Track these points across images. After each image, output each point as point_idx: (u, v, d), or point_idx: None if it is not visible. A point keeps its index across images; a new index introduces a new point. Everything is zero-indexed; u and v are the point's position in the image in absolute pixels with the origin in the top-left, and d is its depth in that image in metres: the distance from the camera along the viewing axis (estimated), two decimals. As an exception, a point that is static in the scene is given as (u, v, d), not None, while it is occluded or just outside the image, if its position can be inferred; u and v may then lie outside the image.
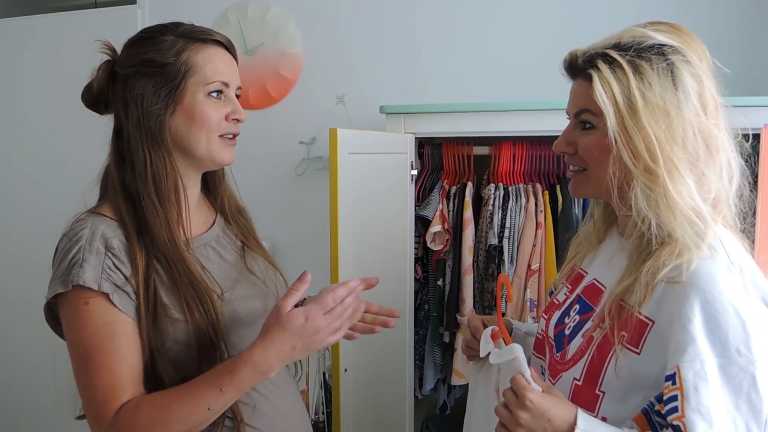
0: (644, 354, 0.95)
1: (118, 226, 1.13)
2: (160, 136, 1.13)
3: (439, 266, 2.11)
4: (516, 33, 2.39)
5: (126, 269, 1.08)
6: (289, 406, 1.23)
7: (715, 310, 0.88)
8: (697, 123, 0.95)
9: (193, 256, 1.17)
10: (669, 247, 0.94)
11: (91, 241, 1.09)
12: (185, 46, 1.14)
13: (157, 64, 1.13)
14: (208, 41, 1.17)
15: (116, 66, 1.17)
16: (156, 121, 1.13)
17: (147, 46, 1.14)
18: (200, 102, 1.14)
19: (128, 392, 1.05)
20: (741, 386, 0.88)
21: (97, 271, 1.06)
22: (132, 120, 1.13)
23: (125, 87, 1.14)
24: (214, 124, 1.15)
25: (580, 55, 1.02)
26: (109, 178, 1.18)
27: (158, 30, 1.17)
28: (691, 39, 0.99)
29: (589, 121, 1.00)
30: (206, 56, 1.15)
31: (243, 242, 1.28)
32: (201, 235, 1.22)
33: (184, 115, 1.14)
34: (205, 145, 1.16)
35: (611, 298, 0.99)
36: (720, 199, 0.98)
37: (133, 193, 1.13)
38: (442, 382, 2.22)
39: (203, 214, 1.26)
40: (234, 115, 1.18)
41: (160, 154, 1.13)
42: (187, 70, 1.13)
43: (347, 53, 2.59)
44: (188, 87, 1.13)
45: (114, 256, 1.08)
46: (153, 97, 1.13)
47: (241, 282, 1.22)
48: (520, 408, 0.94)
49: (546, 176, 2.14)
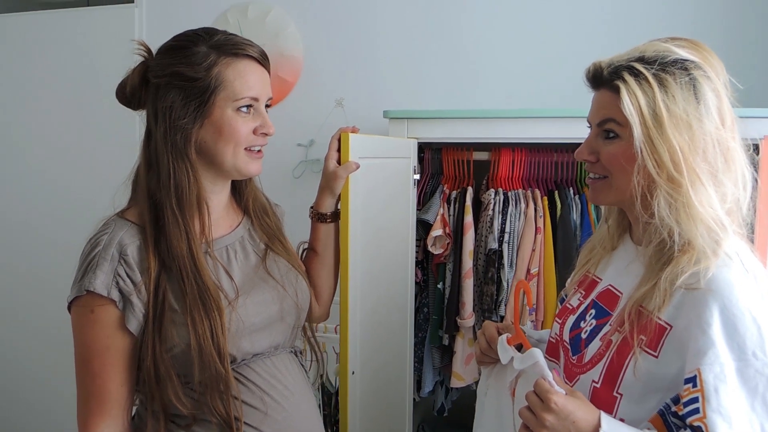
0: (662, 357, 0.98)
1: (139, 231, 1.15)
2: (184, 149, 1.14)
3: (439, 270, 2.13)
4: (517, 41, 2.42)
5: (137, 276, 1.11)
6: (303, 414, 1.24)
7: (733, 315, 0.92)
8: (717, 135, 0.99)
9: (213, 258, 1.19)
10: (687, 255, 0.97)
11: (108, 247, 1.12)
12: (217, 60, 1.14)
13: (188, 78, 1.13)
14: (241, 55, 1.17)
15: (148, 72, 1.17)
16: (182, 135, 1.14)
17: (178, 57, 1.15)
18: (229, 117, 1.15)
19: (113, 412, 1.12)
20: (757, 388, 0.91)
21: (108, 277, 1.10)
22: (160, 130, 1.14)
23: (156, 96, 1.15)
24: (242, 138, 1.17)
25: (605, 66, 1.05)
26: (138, 182, 1.19)
27: (191, 39, 1.17)
28: (710, 55, 1.03)
29: (614, 131, 1.04)
30: (237, 71, 1.16)
31: (267, 245, 1.30)
32: (223, 237, 1.23)
33: (213, 129, 1.15)
34: (231, 158, 1.18)
35: (631, 303, 1.02)
36: (734, 208, 1.02)
37: (157, 201, 1.15)
38: (440, 384, 2.25)
39: (229, 216, 1.28)
40: (262, 129, 1.19)
41: (184, 167, 1.14)
42: (217, 85, 1.14)
43: (347, 57, 2.61)
44: (217, 102, 1.14)
45: (126, 263, 1.11)
46: (182, 110, 1.13)
47: (258, 285, 1.23)
48: (545, 411, 0.96)
49: (544, 182, 2.17)
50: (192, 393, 1.13)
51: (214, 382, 1.11)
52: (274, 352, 1.24)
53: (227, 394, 1.12)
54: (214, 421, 1.12)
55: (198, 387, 1.12)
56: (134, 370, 1.14)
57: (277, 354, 1.24)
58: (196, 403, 1.13)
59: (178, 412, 1.13)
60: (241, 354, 1.16)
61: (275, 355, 1.24)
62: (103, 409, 1.11)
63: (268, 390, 1.19)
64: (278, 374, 1.22)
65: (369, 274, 1.64)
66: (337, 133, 1.47)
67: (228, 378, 1.12)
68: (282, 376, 1.22)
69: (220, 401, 1.12)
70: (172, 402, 1.12)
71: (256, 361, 1.20)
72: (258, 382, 1.18)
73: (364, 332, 1.63)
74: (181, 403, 1.12)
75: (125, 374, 1.13)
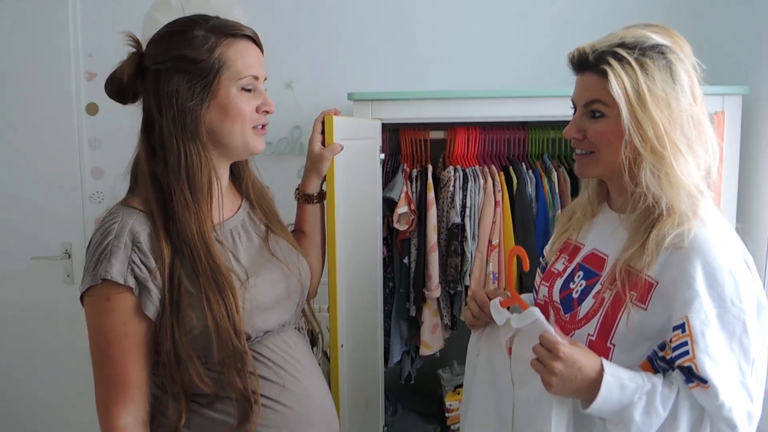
0: (650, 309, 1.11)
1: (147, 218, 1.16)
2: (195, 131, 1.16)
3: (404, 245, 2.22)
4: (469, 24, 2.51)
5: (151, 263, 1.13)
6: (315, 386, 1.30)
7: (713, 269, 1.06)
8: (690, 111, 1.12)
9: (220, 241, 1.22)
10: (671, 219, 1.10)
11: (120, 235, 1.13)
12: (218, 41, 1.17)
13: (191, 60, 1.15)
14: (239, 36, 1.20)
15: (145, 60, 1.17)
16: (191, 117, 1.15)
17: (179, 42, 1.16)
18: (233, 96, 1.18)
19: (135, 397, 1.13)
20: (735, 331, 1.06)
21: (123, 265, 1.11)
22: (167, 116, 1.15)
23: (158, 82, 1.16)
24: (247, 117, 1.20)
25: (589, 52, 1.15)
26: (139, 170, 1.19)
27: (187, 25, 1.18)
28: (680, 39, 1.16)
29: (600, 111, 1.15)
30: (238, 51, 1.19)
31: (267, 226, 1.33)
32: (227, 220, 1.26)
33: (218, 110, 1.18)
34: (240, 137, 1.21)
35: (621, 263, 1.15)
36: (705, 174, 1.16)
37: (164, 186, 1.16)
38: (407, 354, 2.35)
39: (230, 199, 1.30)
40: (264, 107, 1.23)
41: (196, 149, 1.16)
42: (220, 66, 1.16)
43: (294, 39, 2.61)
44: (222, 82, 1.17)
45: (140, 251, 1.13)
46: (188, 93, 1.15)
47: (265, 266, 1.27)
48: (554, 359, 1.08)
49: (498, 158, 2.30)
50: (212, 373, 1.17)
51: (231, 360, 1.15)
52: (282, 329, 1.28)
53: (245, 370, 1.16)
54: (234, 396, 1.16)
55: (216, 366, 1.16)
56: (151, 355, 1.16)
57: (285, 331, 1.29)
58: (217, 382, 1.16)
59: (198, 391, 1.17)
60: (255, 332, 1.21)
61: (284, 332, 1.29)
62: (125, 396, 1.13)
63: (283, 365, 1.24)
64: (289, 350, 1.27)
65: (352, 253, 1.71)
66: (320, 116, 1.51)
67: (245, 354, 1.16)
68: (293, 351, 1.27)
69: (238, 377, 1.16)
70: (194, 382, 1.15)
71: (268, 338, 1.24)
72: (272, 357, 1.23)
73: (348, 308, 1.70)
74: (204, 382, 1.15)
75: (144, 360, 1.15)
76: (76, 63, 2.65)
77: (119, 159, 2.75)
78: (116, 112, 1.26)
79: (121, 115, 1.24)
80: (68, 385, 2.77)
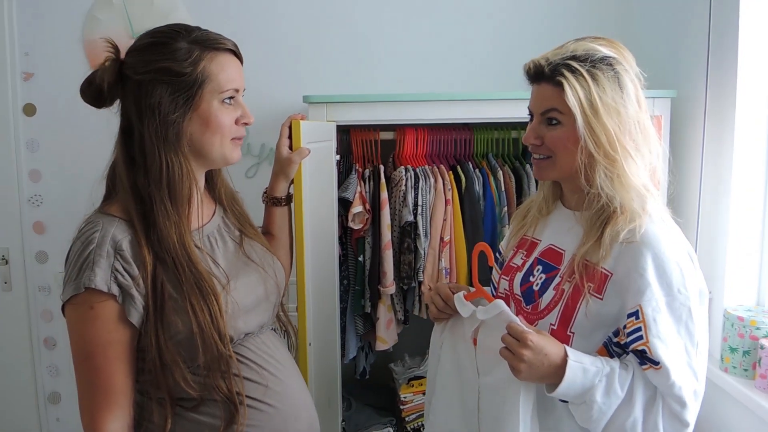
0: (606, 299, 1.22)
1: (127, 225, 1.17)
2: (177, 143, 1.18)
3: (358, 244, 2.28)
4: (411, 28, 2.59)
5: (134, 270, 1.14)
6: (296, 384, 1.34)
7: (662, 261, 1.18)
8: (636, 117, 1.23)
9: (199, 247, 1.24)
10: (623, 216, 1.21)
11: (102, 244, 1.14)
12: (201, 55, 1.18)
13: (175, 73, 1.16)
14: (221, 49, 1.22)
15: (126, 69, 1.18)
16: (174, 129, 1.17)
17: (162, 54, 1.17)
18: (215, 109, 1.20)
19: (121, 403, 1.15)
20: (681, 317, 1.18)
21: (107, 273, 1.12)
22: (149, 127, 1.16)
23: (139, 92, 1.17)
24: (227, 130, 1.23)
25: (544, 64, 1.24)
26: (118, 178, 1.20)
27: (170, 36, 1.19)
28: (624, 51, 1.27)
29: (556, 118, 1.24)
30: (220, 65, 1.21)
31: (240, 230, 1.36)
32: (205, 225, 1.28)
33: (200, 122, 1.20)
34: (219, 149, 1.23)
35: (578, 257, 1.25)
36: (650, 174, 1.28)
37: (145, 195, 1.17)
38: (362, 349, 2.41)
39: (205, 205, 1.32)
40: (243, 119, 1.25)
41: (177, 160, 1.18)
42: (203, 79, 1.18)
43: (240, 41, 2.60)
44: (204, 96, 1.19)
45: (123, 258, 1.14)
46: (170, 105, 1.16)
47: (243, 269, 1.30)
48: (522, 347, 1.17)
49: (445, 158, 2.39)
50: (197, 377, 1.19)
51: (216, 363, 1.18)
52: (261, 331, 1.32)
53: (229, 372, 1.20)
54: (219, 399, 1.20)
55: (201, 370, 1.19)
56: (134, 361, 1.18)
57: (263, 332, 1.33)
58: (202, 386, 1.19)
59: (183, 395, 1.19)
60: (237, 334, 1.24)
61: (262, 333, 1.33)
62: (110, 402, 1.13)
63: (265, 365, 1.28)
64: (269, 350, 1.31)
65: (315, 252, 1.76)
66: (287, 120, 1.55)
67: (230, 357, 1.19)
68: (272, 352, 1.31)
69: (223, 380, 1.19)
70: (180, 387, 1.17)
71: (248, 340, 1.28)
72: (254, 358, 1.27)
73: (313, 306, 1.74)
74: (189, 386, 1.17)
75: (128, 366, 1.16)
76: (12, 62, 2.55)
77: (58, 161, 2.70)
78: (55, 114, 1.24)
79: (60, 117, 1.23)
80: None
